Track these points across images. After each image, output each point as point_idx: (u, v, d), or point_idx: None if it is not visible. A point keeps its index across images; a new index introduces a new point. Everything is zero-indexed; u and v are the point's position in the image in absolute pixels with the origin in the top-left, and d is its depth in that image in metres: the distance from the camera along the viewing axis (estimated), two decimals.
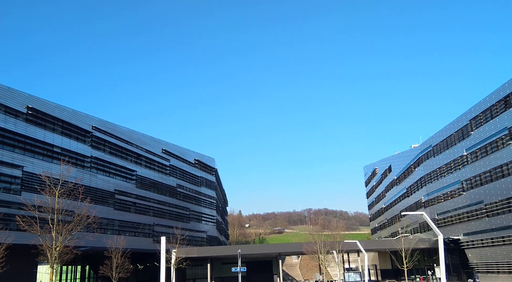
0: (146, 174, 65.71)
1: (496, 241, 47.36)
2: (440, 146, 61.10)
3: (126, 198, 59.70)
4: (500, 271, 47.42)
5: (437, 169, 62.27)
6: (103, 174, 55.55)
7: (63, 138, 49.03)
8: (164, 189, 70.41)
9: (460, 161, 54.96)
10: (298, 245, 68.48)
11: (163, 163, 71.30)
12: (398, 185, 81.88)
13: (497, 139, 46.32)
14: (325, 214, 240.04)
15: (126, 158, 61.48)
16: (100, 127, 56.23)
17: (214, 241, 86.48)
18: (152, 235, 63.91)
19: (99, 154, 55.21)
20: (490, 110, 47.85)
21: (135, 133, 65.62)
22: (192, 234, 74.48)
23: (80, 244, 37.26)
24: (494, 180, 47.23)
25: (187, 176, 79.23)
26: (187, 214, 76.48)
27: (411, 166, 73.81)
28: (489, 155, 48.11)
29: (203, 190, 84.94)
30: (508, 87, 44.24)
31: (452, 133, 56.77)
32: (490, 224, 48.40)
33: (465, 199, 54.01)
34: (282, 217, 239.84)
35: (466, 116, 53.29)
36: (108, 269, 46.06)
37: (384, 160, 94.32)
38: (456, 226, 56.87)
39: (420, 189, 69.14)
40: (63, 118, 49.54)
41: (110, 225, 55.60)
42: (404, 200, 77.68)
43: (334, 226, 77.34)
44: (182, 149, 79.22)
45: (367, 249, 61.83)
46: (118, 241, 47.07)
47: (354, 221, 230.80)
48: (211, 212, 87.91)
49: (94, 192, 51.70)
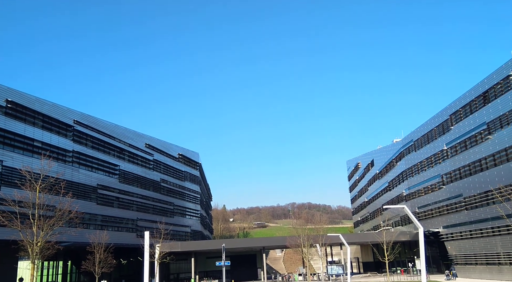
0: (129, 169, 65.19)
1: (475, 233, 48.54)
2: (421, 140, 62.14)
3: (109, 193, 59.16)
4: (478, 263, 48.66)
5: (418, 163, 63.35)
6: (85, 168, 54.91)
7: (43, 132, 48.24)
8: (147, 183, 69.99)
9: (441, 155, 56.01)
10: (281, 239, 69.02)
11: (146, 157, 70.81)
12: (380, 179, 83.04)
13: (476, 134, 47.33)
14: (309, 208, 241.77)
15: (108, 153, 60.86)
16: (82, 121, 55.48)
17: (198, 236, 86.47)
18: (135, 230, 63.55)
19: (81, 149, 54.52)
20: (469, 105, 48.82)
21: (118, 127, 64.95)
22: (176, 229, 74.33)
23: (62, 239, 36.88)
24: (473, 174, 48.31)
25: (171, 171, 78.88)
26: (171, 209, 76.23)
27: (393, 161, 74.91)
28: (468, 150, 49.16)
29: (187, 185, 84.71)
30: (487, 82, 45.19)
31: (433, 128, 57.77)
32: (469, 217, 49.56)
33: (445, 192, 55.14)
34: (266, 211, 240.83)
35: (446, 111, 54.27)
36: (90, 264, 45.70)
37: (366, 154, 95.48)
38: (436, 219, 58.06)
39: (402, 183, 70.26)
40: (44, 111, 48.71)
41: (93, 220, 55.10)
42: (386, 194, 78.86)
43: (318, 220, 78.04)
44: (166, 144, 78.79)
45: (350, 242, 62.59)
46: (101, 236, 46.72)
47: (337, 215, 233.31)
48: (195, 207, 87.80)
49: (76, 187, 51.09)
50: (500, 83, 42.92)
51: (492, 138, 44.31)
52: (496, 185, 40.70)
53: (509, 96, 41.53)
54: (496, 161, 43.72)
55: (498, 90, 43.35)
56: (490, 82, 44.64)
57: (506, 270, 43.18)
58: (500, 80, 42.81)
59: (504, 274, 43.52)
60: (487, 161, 45.41)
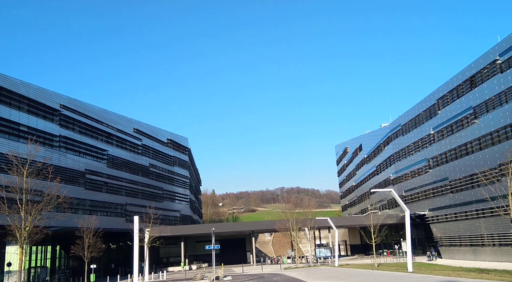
0: (117, 154, 64.84)
1: (459, 215, 49.55)
2: (408, 125, 62.74)
3: (97, 178, 58.88)
4: (462, 244, 49.81)
5: (405, 148, 64.08)
6: (73, 153, 54.47)
7: (29, 117, 47.59)
8: (136, 168, 69.77)
9: (427, 139, 56.70)
10: (270, 223, 69.68)
11: (135, 142, 70.44)
12: (368, 163, 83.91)
13: (463, 118, 47.93)
14: (298, 192, 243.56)
15: (96, 138, 60.38)
16: (68, 106, 54.79)
17: (187, 220, 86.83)
18: (124, 215, 63.56)
19: (68, 133, 53.97)
20: (456, 90, 49.30)
21: (106, 112, 64.33)
22: (166, 213, 74.48)
23: (50, 224, 36.80)
24: (459, 158, 49.08)
25: (160, 156, 78.67)
26: (160, 194, 76.26)
27: (381, 145, 75.63)
28: (454, 134, 49.81)
29: (176, 170, 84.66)
30: (474, 67, 45.58)
31: (420, 112, 58.31)
32: (454, 200, 50.51)
33: (431, 176, 56.01)
34: (255, 196, 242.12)
35: (434, 95, 54.75)
36: (79, 248, 45.73)
37: (355, 139, 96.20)
38: (422, 202, 59.08)
39: (389, 167, 71.12)
40: (30, 96, 47.96)
41: (81, 205, 54.92)
42: (374, 178, 79.80)
43: (306, 204, 78.88)
44: (154, 129, 78.36)
45: (338, 225, 63.51)
46: (89, 221, 46.66)
47: (326, 199, 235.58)
48: (185, 192, 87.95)
49: (64, 172, 50.72)
50: (487, 68, 43.34)
51: (478, 122, 44.93)
52: (481, 169, 41.42)
53: (495, 80, 42.02)
54: (482, 145, 44.43)
55: (485, 74, 43.81)
56: (477, 67, 45.05)
57: (489, 251, 44.32)
58: (487, 65, 43.22)
59: (487, 254, 44.67)
60: (473, 145, 46.12)
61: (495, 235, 43.07)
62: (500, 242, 42.49)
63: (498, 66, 41.53)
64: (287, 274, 40.34)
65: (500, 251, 42.45)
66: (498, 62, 41.42)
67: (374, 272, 35.86)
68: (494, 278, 24.00)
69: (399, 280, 25.92)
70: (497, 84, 41.65)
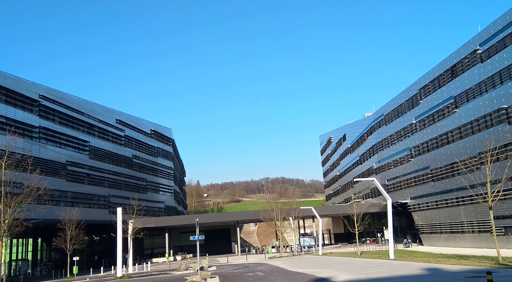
0: (99, 145, 63.97)
1: (440, 203, 50.46)
2: (391, 114, 63.34)
3: (79, 169, 58.04)
4: (443, 231, 50.82)
5: (388, 137, 64.77)
6: (53, 145, 53.50)
7: (7, 107, 46.42)
8: (119, 160, 69.01)
9: (410, 129, 57.37)
10: (255, 213, 70.00)
11: (117, 133, 69.55)
12: (352, 153, 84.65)
13: (444, 107, 48.57)
14: (282, 182, 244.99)
15: (77, 129, 59.38)
16: (48, 96, 53.63)
17: (172, 211, 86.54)
18: (108, 207, 62.94)
19: (48, 124, 52.93)
20: (438, 80, 49.86)
21: (87, 102, 63.23)
22: (150, 205, 74.09)
23: (31, 216, 36.18)
24: (440, 147, 49.83)
25: (143, 147, 77.95)
26: (144, 185, 75.70)
27: (364, 135, 76.29)
28: (436, 123, 50.49)
29: (160, 161, 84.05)
30: (455, 57, 46.10)
31: (403, 102, 58.89)
32: (435, 188, 51.37)
33: (413, 165, 56.80)
34: (240, 186, 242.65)
35: (416, 85, 55.29)
36: (62, 241, 45.26)
37: (339, 129, 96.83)
38: (404, 191, 59.95)
39: (372, 157, 71.87)
40: (7, 86, 46.72)
41: (63, 197, 54.14)
42: (357, 167, 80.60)
43: (291, 194, 79.37)
44: (137, 119, 77.50)
45: (322, 214, 64.14)
46: (72, 213, 46.15)
47: (310, 189, 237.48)
48: (169, 183, 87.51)
49: (44, 164, 49.84)
50: (468, 58, 43.88)
51: (459, 111, 45.58)
52: (461, 157, 42.12)
53: (475, 70, 42.59)
54: (462, 134, 45.15)
55: (466, 64, 44.35)
56: (458, 57, 45.57)
57: (469, 237, 45.31)
58: (468, 55, 43.74)
59: (467, 241, 45.67)
60: (453, 134, 46.83)
61: (475, 222, 44.03)
62: (479, 229, 43.46)
63: (479, 56, 42.08)
64: (272, 263, 40.62)
65: (479, 238, 43.44)
66: (479, 52, 41.95)
67: (357, 260, 36.36)
68: (473, 264, 24.55)
69: (381, 268, 26.31)
70: (477, 74, 42.23)
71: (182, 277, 30.66)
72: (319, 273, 25.01)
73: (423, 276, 20.16)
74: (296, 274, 25.83)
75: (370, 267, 27.03)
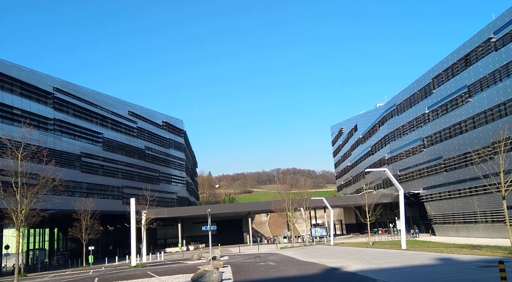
0: (113, 137, 64.71)
1: (453, 193, 50.13)
2: (404, 104, 62.79)
3: (93, 160, 58.88)
4: (456, 221, 50.54)
5: (400, 127, 64.30)
6: (67, 136, 54.30)
7: (23, 100, 47.19)
8: (132, 151, 69.76)
9: (422, 119, 56.86)
10: (267, 204, 70.25)
11: (130, 125, 70.23)
12: (363, 144, 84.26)
13: (457, 97, 48.00)
14: (293, 173, 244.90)
15: (91, 121, 60.12)
16: (62, 88, 54.32)
17: (184, 202, 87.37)
18: (121, 197, 63.84)
19: (62, 116, 53.67)
20: (451, 69, 49.21)
21: (100, 94, 63.88)
22: (162, 196, 74.92)
23: (47, 207, 36.86)
24: (453, 137, 49.35)
25: (155, 138, 78.60)
26: (156, 176, 76.47)
27: (376, 125, 75.80)
28: (449, 113, 49.95)
29: (172, 152, 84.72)
30: (469, 45, 45.41)
31: (416, 92, 58.31)
32: (448, 178, 51.01)
33: (426, 155, 56.39)
34: (252, 177, 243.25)
35: (429, 74, 54.65)
36: (77, 231, 46.15)
37: (350, 119, 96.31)
38: (416, 181, 59.62)
39: (384, 147, 71.48)
40: (22, 78, 47.45)
41: (78, 187, 55.05)
42: (369, 158, 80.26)
43: (302, 185, 79.29)
44: (149, 111, 78.06)
45: (333, 205, 64.24)
46: (86, 203, 46.95)
47: (321, 180, 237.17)
48: (181, 174, 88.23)
49: (59, 155, 50.66)
50: (482, 46, 43.20)
51: (472, 100, 45.03)
52: (474, 147, 41.71)
53: (489, 59, 41.94)
54: (475, 123, 44.64)
55: (480, 53, 43.69)
56: (472, 45, 44.88)
57: (482, 228, 45.03)
58: (482, 43, 43.06)
59: (480, 231, 45.41)
60: (467, 123, 46.32)
61: (488, 212, 43.71)
62: (492, 218, 43.15)
63: (493, 44, 41.40)
64: (283, 253, 40.92)
65: (493, 228, 43.15)
66: (493, 40, 41.26)
67: (369, 250, 36.43)
68: (486, 254, 24.47)
69: (393, 258, 26.37)
70: (492, 62, 41.59)
71: (195, 266, 31.10)
72: (330, 263, 25.17)
73: (435, 266, 20.20)
74: (307, 264, 26.03)
75: (382, 257, 27.11)
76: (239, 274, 23.02)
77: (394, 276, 17.00)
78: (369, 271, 19.38)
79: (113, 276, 28.22)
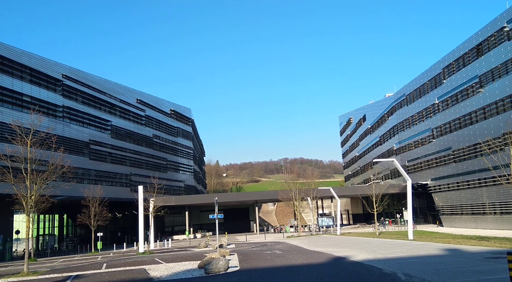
0: (121, 124, 64.97)
1: (462, 185, 49.79)
2: (413, 94, 62.16)
3: (101, 148, 59.25)
4: (464, 213, 50.28)
5: (409, 118, 63.75)
6: (76, 124, 54.63)
7: (32, 87, 47.46)
8: (140, 139, 70.05)
9: (432, 109, 56.28)
10: (273, 193, 70.40)
11: (138, 113, 70.41)
12: (372, 134, 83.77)
13: (468, 87, 47.38)
14: (301, 163, 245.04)
15: (100, 108, 60.36)
16: (71, 76, 54.50)
17: (191, 190, 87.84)
18: (129, 185, 64.31)
19: (71, 104, 53.94)
20: (462, 58, 48.50)
21: (108, 82, 64.02)
22: (170, 184, 75.32)
23: (56, 193, 37.25)
24: (463, 127, 48.85)
25: (163, 127, 78.80)
26: (164, 164, 76.84)
27: (385, 115, 75.24)
28: (459, 103, 49.37)
29: (179, 141, 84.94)
30: (481, 35, 44.65)
31: (425, 82, 57.64)
32: (457, 169, 50.62)
33: (435, 146, 55.95)
34: (259, 167, 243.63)
35: (439, 64, 53.93)
36: (86, 217, 46.68)
37: (359, 109, 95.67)
38: (424, 172, 59.26)
39: (393, 137, 71.02)
40: (31, 65, 47.66)
41: (86, 174, 55.52)
42: (377, 148, 79.85)
43: (309, 174, 79.29)
44: (157, 99, 78.14)
45: (340, 195, 64.11)
46: (95, 191, 47.40)
47: (329, 170, 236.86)
48: (188, 162, 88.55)
49: (68, 142, 51.04)
50: (494, 35, 42.46)
51: (484, 91, 44.42)
52: (484, 138, 41.27)
53: (502, 48, 41.24)
54: (486, 114, 44.09)
55: (492, 42, 42.96)
56: (484, 35, 44.13)
57: (490, 219, 44.76)
58: (494, 32, 42.31)
59: (488, 223, 45.14)
60: (477, 114, 45.77)
61: (497, 204, 43.39)
62: (501, 210, 42.85)
63: (506, 34, 40.66)
64: (289, 242, 41.05)
65: (501, 219, 42.87)
66: (506, 29, 40.51)
67: (375, 240, 36.41)
68: (494, 245, 24.31)
69: (400, 248, 26.32)
70: (504, 52, 40.89)
71: (202, 253, 31.32)
72: (336, 252, 25.20)
73: (442, 256, 20.12)
74: (313, 253, 26.09)
75: (388, 247, 27.07)
76: (246, 262, 23.14)
77: (400, 266, 16.96)
78: (375, 261, 19.37)
79: (121, 262, 28.53)
